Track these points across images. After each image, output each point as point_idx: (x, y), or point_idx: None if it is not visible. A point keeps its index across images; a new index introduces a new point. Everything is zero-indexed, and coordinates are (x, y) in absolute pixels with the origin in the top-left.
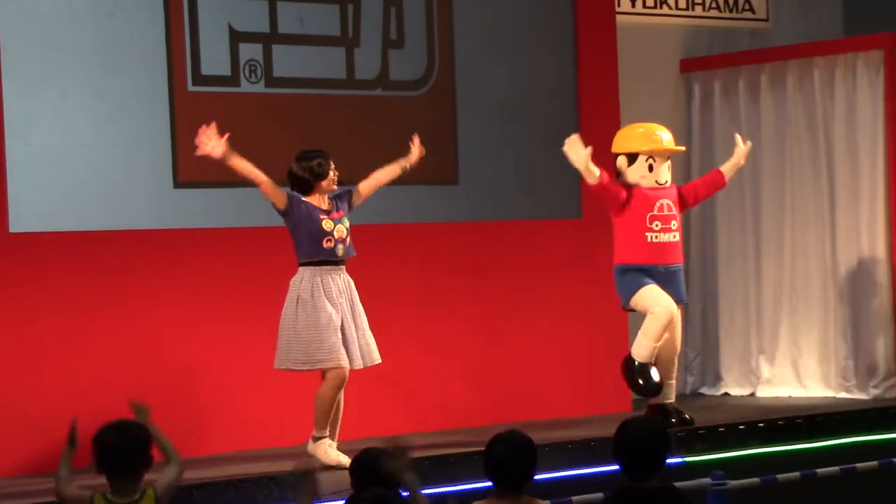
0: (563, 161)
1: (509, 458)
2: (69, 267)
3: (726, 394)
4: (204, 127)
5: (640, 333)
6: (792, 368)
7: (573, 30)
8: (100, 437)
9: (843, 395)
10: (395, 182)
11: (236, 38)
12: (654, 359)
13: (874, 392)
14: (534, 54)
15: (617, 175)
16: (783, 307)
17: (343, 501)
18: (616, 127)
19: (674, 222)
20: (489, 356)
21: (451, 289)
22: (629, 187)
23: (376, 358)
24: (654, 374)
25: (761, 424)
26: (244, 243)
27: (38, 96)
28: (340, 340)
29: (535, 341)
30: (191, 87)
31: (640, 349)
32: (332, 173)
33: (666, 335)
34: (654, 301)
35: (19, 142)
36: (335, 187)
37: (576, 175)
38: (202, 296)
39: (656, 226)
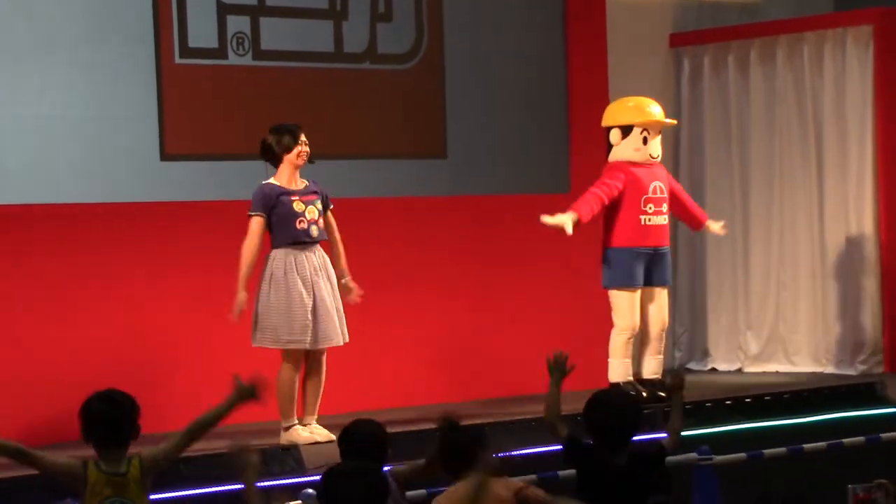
0: (552, 135)
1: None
2: (55, 239)
3: (714, 369)
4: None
5: (609, 356)
6: (779, 344)
7: (562, 4)
8: (87, 408)
9: (830, 370)
10: (383, 155)
11: (224, 10)
12: (630, 374)
13: (861, 367)
14: (523, 28)
15: (608, 149)
16: (771, 283)
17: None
18: (605, 101)
19: (665, 205)
20: (474, 330)
21: (437, 263)
22: (622, 169)
23: (346, 338)
24: (638, 388)
25: (748, 400)
26: (231, 216)
27: (24, 69)
28: (310, 321)
29: (521, 316)
30: (178, 60)
31: (615, 371)
32: (297, 149)
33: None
34: (623, 313)
35: (5, 114)
36: (301, 163)
37: (564, 150)
38: (189, 269)
39: (650, 208)
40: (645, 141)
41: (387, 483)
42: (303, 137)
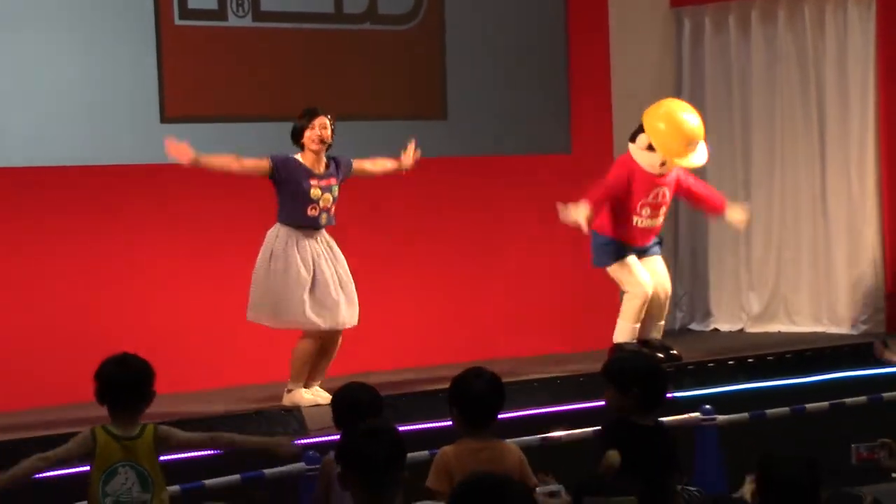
0: (553, 96)
1: (481, 393)
2: (56, 201)
3: (716, 329)
4: (174, 144)
5: (620, 318)
6: (781, 304)
7: None
8: (102, 371)
9: (832, 330)
10: (383, 117)
11: None
12: (635, 338)
13: (863, 327)
14: None
15: (634, 133)
16: (773, 243)
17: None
18: (606, 61)
19: (663, 208)
20: (477, 292)
21: (438, 224)
22: (631, 168)
23: (354, 321)
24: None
25: (751, 360)
26: (231, 178)
27: (24, 32)
28: (307, 300)
29: (524, 277)
30: (178, 21)
31: (622, 333)
32: (309, 132)
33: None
34: (632, 279)
35: (6, 77)
36: (315, 147)
37: (565, 110)
38: (188, 231)
39: (645, 212)
40: (662, 163)
41: (403, 442)
42: (320, 120)
